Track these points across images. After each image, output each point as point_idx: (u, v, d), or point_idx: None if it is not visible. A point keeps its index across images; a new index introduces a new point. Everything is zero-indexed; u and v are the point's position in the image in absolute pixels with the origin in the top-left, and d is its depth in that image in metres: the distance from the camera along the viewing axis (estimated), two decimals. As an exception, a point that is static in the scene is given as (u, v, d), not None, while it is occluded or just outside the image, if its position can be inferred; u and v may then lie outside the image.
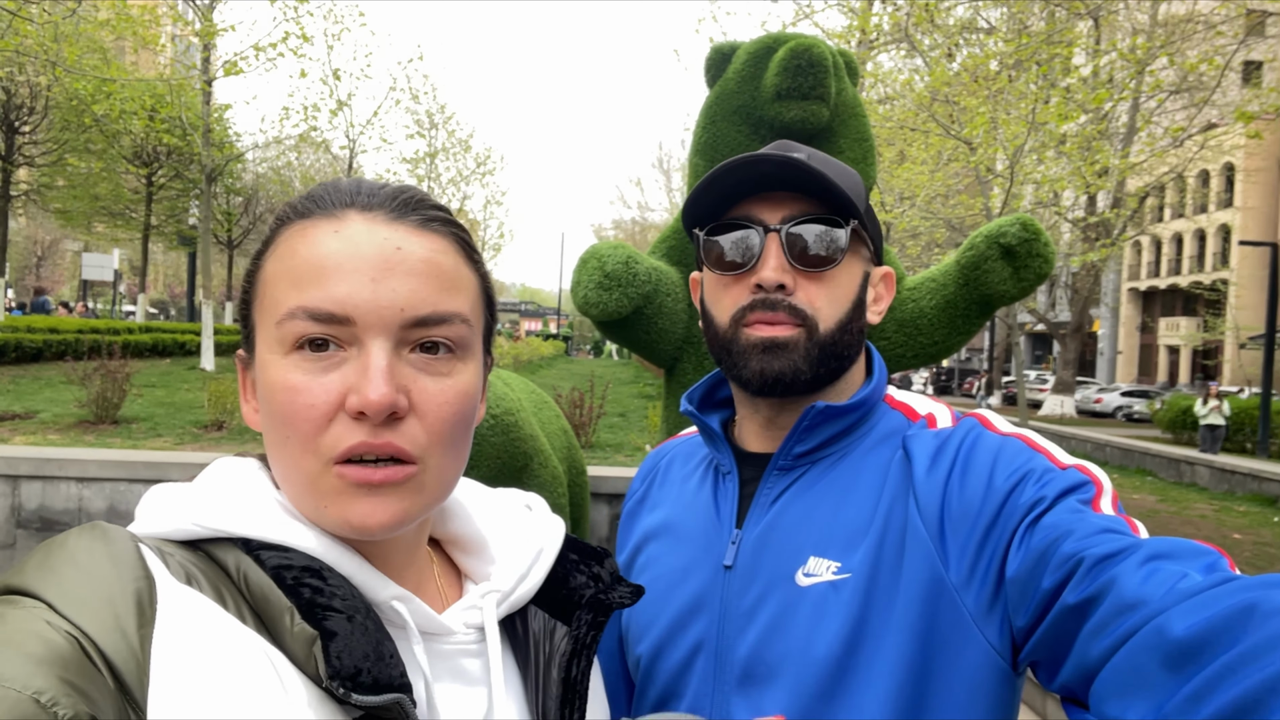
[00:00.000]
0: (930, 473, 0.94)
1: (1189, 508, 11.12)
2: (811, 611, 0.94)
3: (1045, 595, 0.80)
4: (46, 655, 0.53)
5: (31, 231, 53.36)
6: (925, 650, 0.89)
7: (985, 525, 0.88)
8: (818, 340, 0.99)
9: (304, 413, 0.66)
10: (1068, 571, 0.78)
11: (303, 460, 0.67)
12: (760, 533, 1.02)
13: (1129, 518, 0.84)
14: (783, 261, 0.99)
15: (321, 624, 0.63)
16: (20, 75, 20.98)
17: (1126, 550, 0.75)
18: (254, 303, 0.73)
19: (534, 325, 71.14)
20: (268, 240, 0.74)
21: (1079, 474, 0.89)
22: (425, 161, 28.69)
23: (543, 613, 0.84)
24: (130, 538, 0.64)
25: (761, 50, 3.54)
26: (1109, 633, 0.71)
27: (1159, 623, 0.66)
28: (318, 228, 0.70)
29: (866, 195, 1.06)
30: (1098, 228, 20.41)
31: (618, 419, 13.85)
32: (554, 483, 3.75)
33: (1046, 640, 0.81)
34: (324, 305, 0.67)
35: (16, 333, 15.66)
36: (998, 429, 0.98)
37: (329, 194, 0.73)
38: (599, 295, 3.27)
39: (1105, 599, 0.73)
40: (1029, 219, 3.22)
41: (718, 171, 0.99)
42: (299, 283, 0.68)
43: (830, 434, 1.02)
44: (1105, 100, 13.39)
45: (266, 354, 0.69)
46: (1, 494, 4.86)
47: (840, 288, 1.02)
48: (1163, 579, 0.70)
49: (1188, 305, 44.28)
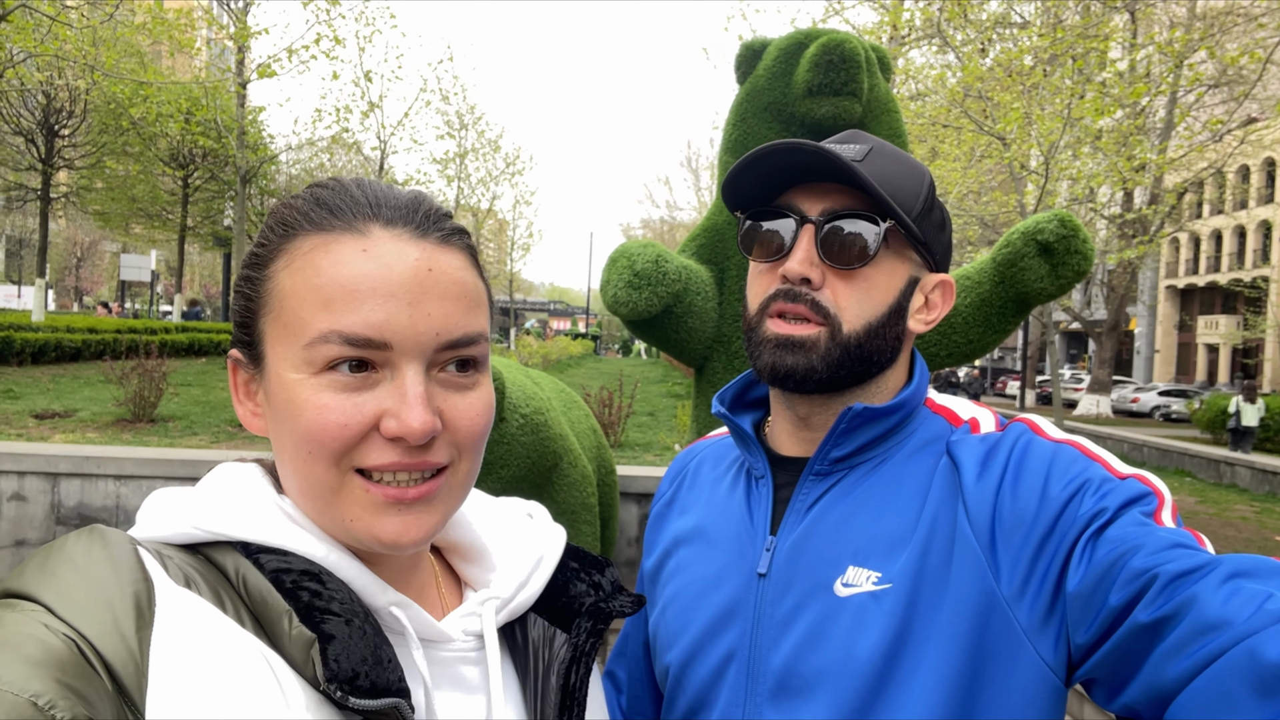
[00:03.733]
0: (980, 480, 0.91)
1: (1229, 509, 10.90)
2: (851, 623, 0.91)
3: (1113, 612, 0.77)
4: (44, 658, 0.53)
5: (71, 233, 54.46)
6: (973, 664, 0.86)
7: (1040, 536, 0.85)
8: (840, 341, 0.96)
9: (334, 431, 0.66)
10: (1140, 588, 0.75)
11: (327, 474, 0.67)
12: (796, 540, 0.99)
13: (1195, 531, 0.81)
14: (812, 255, 0.96)
15: (319, 627, 0.64)
16: (59, 79, 21.40)
17: (1204, 567, 0.73)
18: (263, 313, 0.71)
19: (563, 324, 71.49)
20: (272, 246, 0.71)
21: (1140, 484, 0.86)
22: (455, 162, 28.94)
23: (542, 620, 0.84)
24: (129, 541, 0.64)
25: (793, 46, 3.51)
26: (1190, 654, 0.68)
27: (1250, 645, 0.64)
28: (342, 244, 0.68)
29: (929, 195, 1.00)
30: (1135, 224, 20.08)
31: (647, 418, 13.85)
32: (583, 482, 3.75)
33: (1112, 658, 0.78)
34: (362, 331, 0.66)
35: (56, 332, 15.96)
36: (1049, 435, 0.95)
37: (345, 204, 0.71)
38: (628, 294, 3.25)
39: (1184, 618, 0.70)
40: (1067, 215, 3.15)
41: (753, 155, 0.96)
42: (330, 304, 0.66)
43: (869, 438, 0.99)
44: (1142, 95, 13.16)
45: (288, 371, 0.68)
46: (41, 491, 4.94)
47: (874, 289, 0.98)
48: (1247, 598, 0.68)
49: (1227, 303, 43.42)
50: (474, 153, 30.15)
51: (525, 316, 68.86)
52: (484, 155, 30.86)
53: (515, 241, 38.86)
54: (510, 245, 40.00)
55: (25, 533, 4.93)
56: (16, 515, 4.93)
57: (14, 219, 47.03)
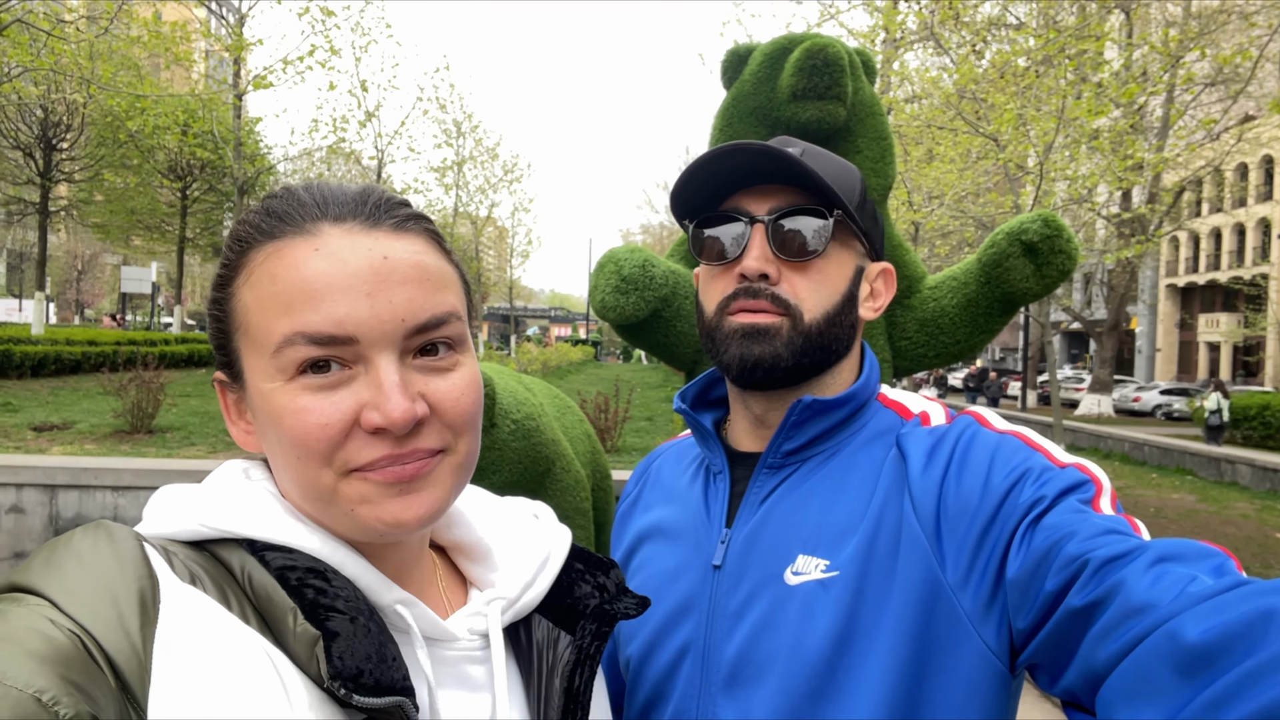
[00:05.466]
0: (926, 471, 0.93)
1: (1229, 507, 10.89)
2: (800, 610, 0.93)
3: (1048, 597, 0.78)
4: (49, 654, 0.53)
5: (72, 246, 54.52)
6: (920, 651, 0.87)
7: (983, 524, 0.87)
8: (802, 330, 0.99)
9: (317, 432, 0.66)
10: (1072, 574, 0.76)
11: (320, 476, 0.68)
12: (749, 532, 1.01)
13: (1130, 517, 0.83)
14: (766, 251, 0.99)
15: (324, 624, 0.64)
16: (56, 93, 21.46)
17: (1133, 552, 0.74)
18: (234, 333, 0.71)
19: (563, 331, 71.46)
20: (233, 265, 0.71)
21: (1078, 473, 0.87)
22: (453, 170, 28.94)
23: (547, 621, 0.83)
24: (134, 536, 0.64)
25: (777, 51, 3.53)
26: (1117, 637, 0.70)
27: (1171, 627, 0.65)
28: (294, 248, 0.68)
29: (863, 191, 1.04)
30: (1133, 224, 20.07)
31: (645, 423, 13.85)
32: (577, 487, 3.76)
33: (1049, 643, 0.79)
34: (323, 328, 0.66)
35: (56, 345, 16.00)
36: (994, 426, 0.97)
37: (293, 208, 0.71)
38: (616, 299, 3.27)
39: (1112, 602, 0.71)
40: (1051, 215, 3.17)
41: (698, 162, 0.99)
42: (290, 308, 0.66)
43: (819, 430, 1.01)
44: (1137, 94, 13.16)
45: (264, 383, 0.68)
46: (39, 503, 4.96)
47: (826, 279, 1.01)
48: (1172, 582, 0.69)
49: (1228, 301, 43.36)
50: (472, 160, 30.16)
51: (526, 323, 68.85)
52: (482, 163, 30.87)
53: (515, 249, 38.89)
54: (510, 252, 40.03)
55: (24, 545, 4.95)
56: (15, 527, 4.95)
57: (14, 233, 47.13)
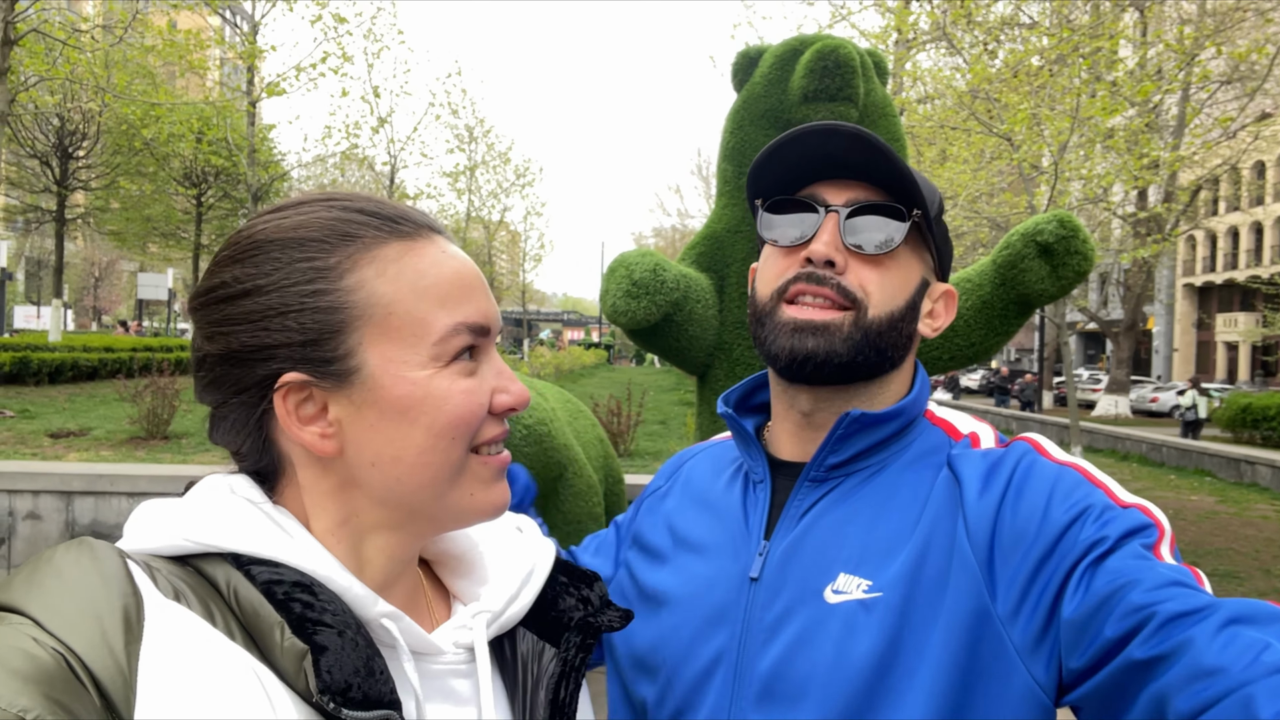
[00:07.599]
0: (983, 496, 0.90)
1: (1250, 509, 10.77)
2: (841, 630, 0.90)
3: (1108, 644, 0.76)
4: (32, 673, 0.53)
5: (89, 253, 55.03)
6: (964, 680, 0.85)
7: (1038, 557, 0.85)
8: (863, 325, 0.96)
9: (477, 411, 0.73)
10: (1136, 624, 0.74)
11: (460, 456, 0.73)
12: (789, 546, 0.98)
13: (1193, 568, 0.81)
14: (837, 240, 0.96)
15: (312, 639, 0.63)
16: (72, 102, 21.66)
17: (1203, 610, 0.72)
18: (354, 324, 0.70)
19: (577, 334, 71.56)
20: (342, 257, 0.71)
21: (1141, 515, 0.85)
22: (465, 175, 29.03)
23: (531, 635, 0.84)
24: (117, 553, 0.64)
25: (788, 53, 3.51)
26: (1185, 697, 0.68)
27: (1245, 697, 0.64)
28: (426, 248, 0.74)
29: (940, 207, 1.02)
30: (1149, 223, 19.91)
31: (658, 426, 13.84)
32: (589, 491, 3.74)
33: (1104, 689, 0.77)
34: (480, 320, 0.74)
35: (73, 352, 16.12)
36: (1053, 456, 0.94)
37: (399, 215, 0.75)
38: (627, 303, 3.25)
39: (1179, 661, 0.70)
40: (1066, 215, 3.14)
41: (786, 137, 0.96)
42: (445, 301, 0.72)
43: (865, 445, 0.98)
44: (1152, 93, 13.06)
45: (412, 370, 0.71)
46: (56, 509, 4.99)
47: (895, 278, 0.98)
48: (1245, 647, 0.68)
49: (1245, 300, 42.98)
50: (484, 165, 30.23)
51: (539, 327, 68.97)
52: (494, 168, 30.92)
53: (527, 253, 38.95)
54: (523, 256, 40.09)
55: (41, 551, 4.98)
56: (32, 534, 4.98)
57: (32, 240, 47.60)
